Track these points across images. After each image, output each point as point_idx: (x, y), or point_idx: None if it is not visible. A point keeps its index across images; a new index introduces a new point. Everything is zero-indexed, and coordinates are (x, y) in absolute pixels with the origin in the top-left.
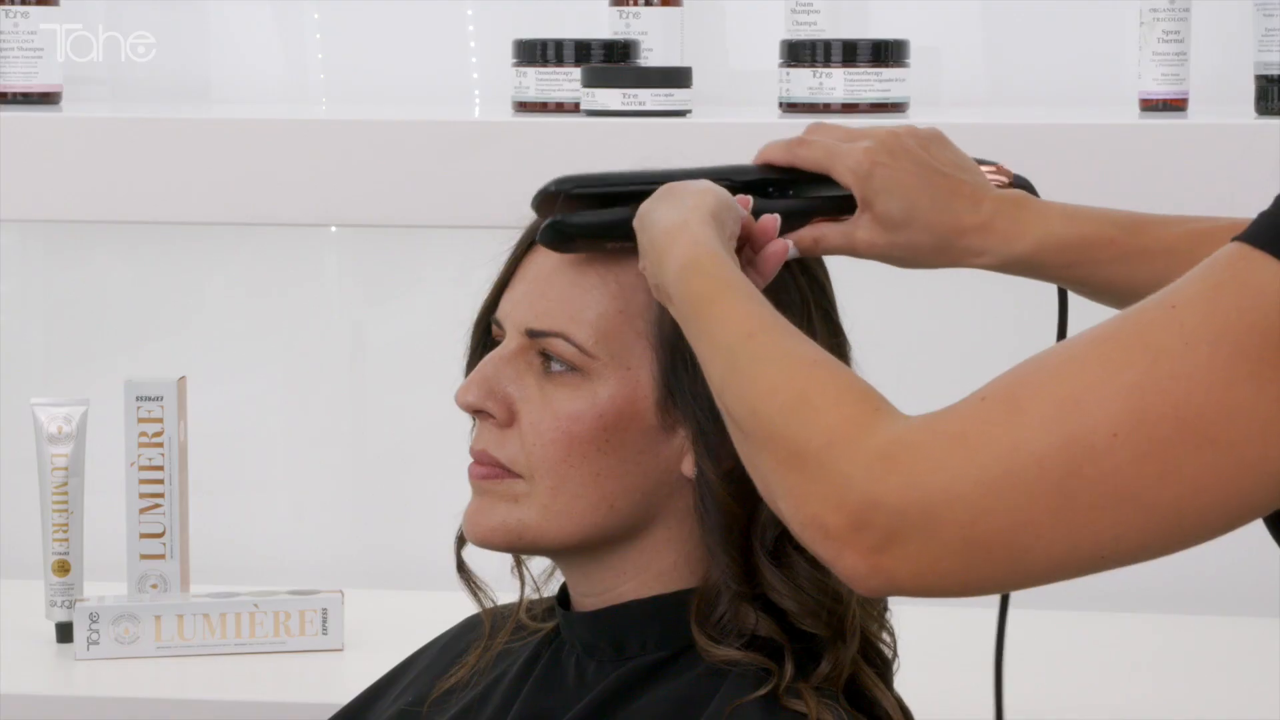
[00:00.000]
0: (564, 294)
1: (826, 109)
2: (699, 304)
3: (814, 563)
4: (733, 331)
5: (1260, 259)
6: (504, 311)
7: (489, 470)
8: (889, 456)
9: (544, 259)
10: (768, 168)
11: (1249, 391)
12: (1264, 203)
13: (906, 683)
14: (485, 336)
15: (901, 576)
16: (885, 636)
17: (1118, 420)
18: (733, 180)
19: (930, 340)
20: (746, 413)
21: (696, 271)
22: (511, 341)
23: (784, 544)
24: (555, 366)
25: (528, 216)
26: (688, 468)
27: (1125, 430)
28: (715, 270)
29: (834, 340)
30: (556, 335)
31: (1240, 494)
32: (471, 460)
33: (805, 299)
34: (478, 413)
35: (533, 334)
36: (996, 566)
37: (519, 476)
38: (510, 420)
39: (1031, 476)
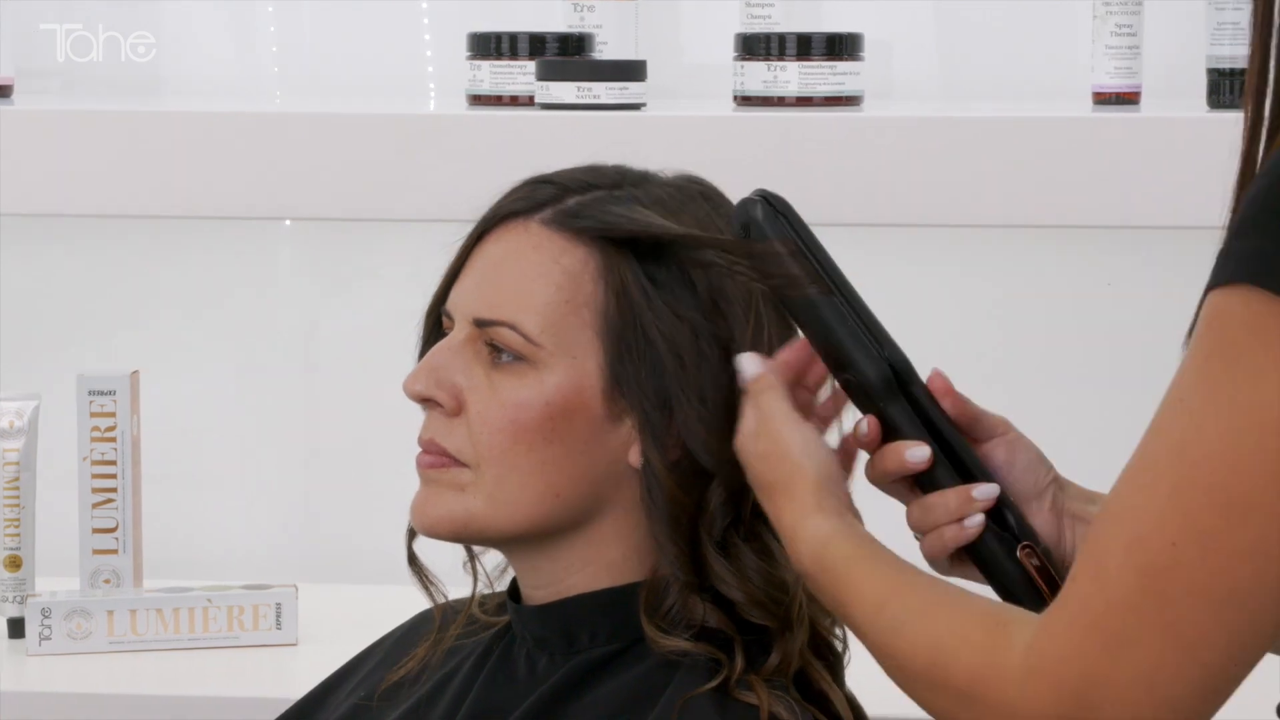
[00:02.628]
0: (512, 284)
1: (781, 102)
2: (832, 599)
3: (762, 553)
4: (866, 611)
5: (1227, 295)
6: (453, 302)
7: (436, 459)
8: (1032, 670)
9: (494, 250)
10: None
11: (1254, 441)
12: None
13: (858, 676)
14: (436, 327)
15: None
16: (837, 630)
17: (1170, 531)
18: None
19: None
20: (905, 681)
21: (818, 568)
22: (460, 331)
23: (731, 535)
24: (503, 356)
25: (482, 209)
26: (634, 458)
27: (1180, 537)
28: (833, 559)
29: (787, 332)
30: (504, 324)
31: None
32: (420, 450)
33: (751, 292)
34: (425, 402)
35: (480, 323)
36: (1161, 716)
37: (465, 466)
38: (458, 409)
39: (1132, 625)
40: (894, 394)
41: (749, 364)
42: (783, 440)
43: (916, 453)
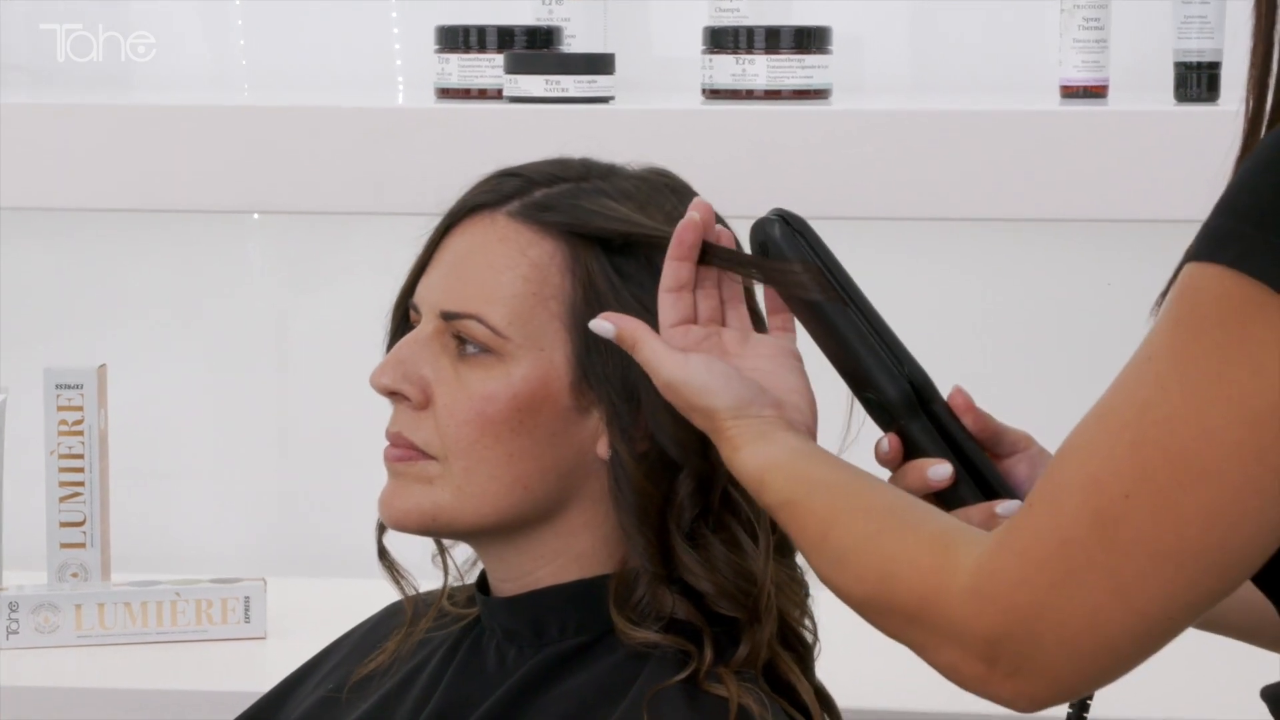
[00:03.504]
0: (479, 277)
1: (749, 95)
2: (777, 518)
3: (730, 544)
4: (811, 543)
5: (1202, 270)
6: (420, 295)
7: (403, 452)
8: (977, 591)
9: (460, 243)
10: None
11: (1217, 414)
12: (1182, 189)
13: (829, 668)
14: (404, 320)
15: (1042, 692)
16: (807, 622)
17: (1126, 482)
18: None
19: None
20: (857, 606)
21: (764, 505)
22: (427, 324)
23: (700, 526)
24: (470, 349)
25: (450, 203)
26: (602, 449)
27: (1134, 490)
28: (771, 496)
29: (755, 322)
30: (470, 317)
31: (1249, 517)
32: (387, 443)
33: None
34: (392, 395)
35: (447, 316)
36: (1098, 655)
37: (433, 458)
38: (425, 402)
39: (1081, 565)
40: (915, 412)
41: (602, 326)
42: (679, 389)
43: (939, 470)
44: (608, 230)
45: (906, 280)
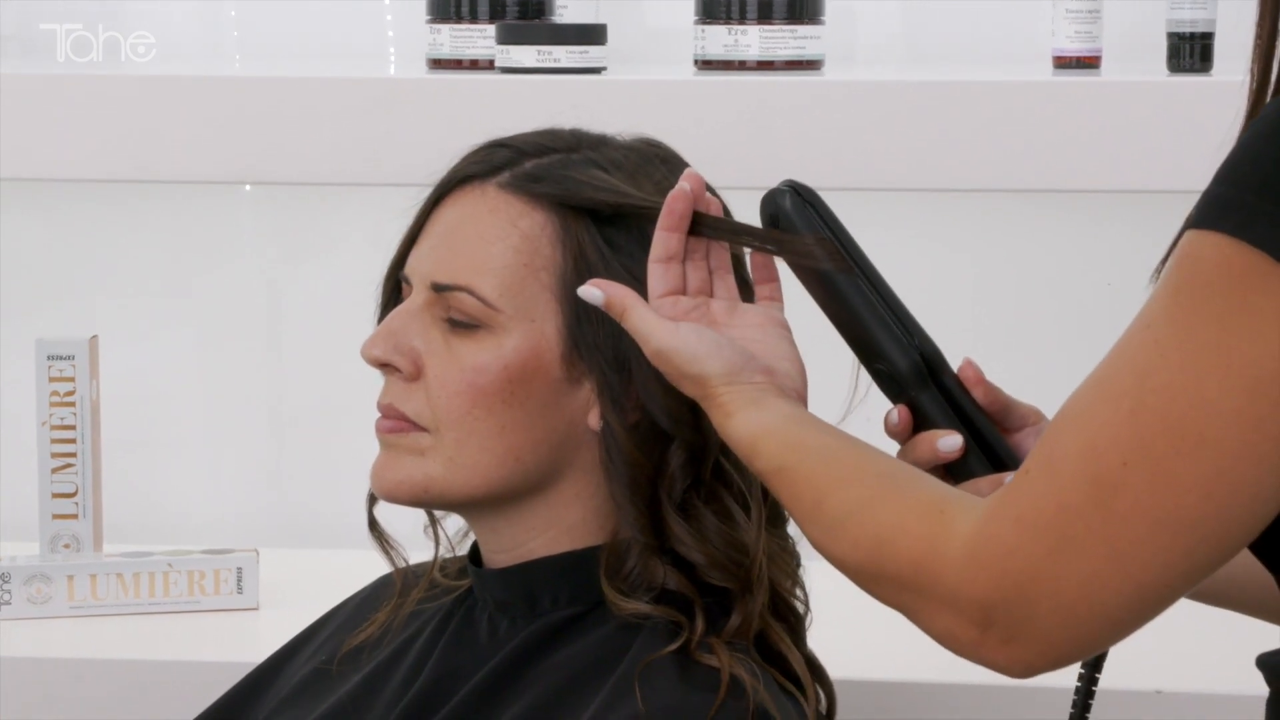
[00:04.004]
0: (469, 248)
1: (742, 66)
2: (769, 484)
3: (722, 515)
4: (804, 510)
5: (1202, 238)
6: (411, 267)
7: (395, 424)
8: (972, 556)
9: (451, 214)
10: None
11: (1216, 382)
12: (1175, 159)
13: (820, 638)
14: (395, 292)
15: (1035, 658)
16: (798, 592)
17: (1124, 450)
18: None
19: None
20: (850, 573)
21: (756, 471)
22: (418, 296)
23: (691, 497)
24: (461, 320)
25: (442, 174)
26: (594, 421)
27: (1132, 458)
28: (763, 463)
29: (745, 292)
30: (461, 289)
31: (1246, 487)
32: (379, 415)
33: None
34: (383, 366)
35: (438, 288)
36: (1094, 623)
37: (425, 430)
38: (416, 374)
39: (1079, 532)
40: (925, 383)
41: (590, 293)
42: (670, 357)
43: (949, 441)
44: (598, 201)
45: (898, 251)
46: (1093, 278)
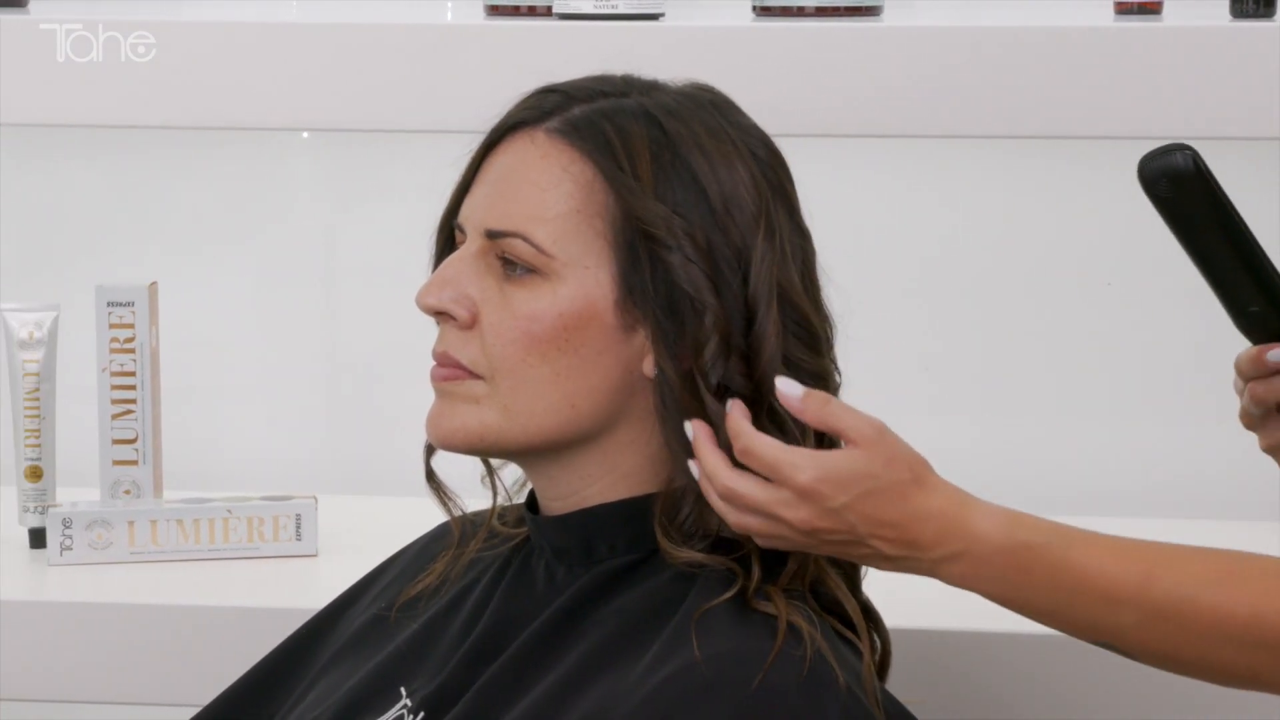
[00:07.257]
0: (522, 194)
1: (801, 12)
2: (1049, 596)
3: None
4: (1127, 591)
5: None
6: (465, 214)
7: (450, 372)
8: None
9: (503, 161)
10: None
11: None
12: (1238, 106)
13: (875, 587)
14: (449, 240)
15: None
16: None
17: None
18: None
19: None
20: (1209, 647)
21: (1013, 567)
22: (472, 243)
23: None
24: (516, 268)
25: (495, 120)
26: (648, 367)
27: None
28: (1035, 555)
29: (801, 240)
30: (515, 235)
31: None
32: (434, 363)
33: (763, 197)
34: (438, 315)
35: (492, 235)
36: None
37: (480, 378)
38: (471, 322)
39: None
40: None
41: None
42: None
43: None
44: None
45: (954, 197)
46: (1159, 223)
